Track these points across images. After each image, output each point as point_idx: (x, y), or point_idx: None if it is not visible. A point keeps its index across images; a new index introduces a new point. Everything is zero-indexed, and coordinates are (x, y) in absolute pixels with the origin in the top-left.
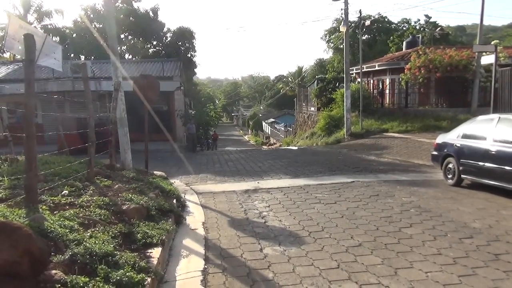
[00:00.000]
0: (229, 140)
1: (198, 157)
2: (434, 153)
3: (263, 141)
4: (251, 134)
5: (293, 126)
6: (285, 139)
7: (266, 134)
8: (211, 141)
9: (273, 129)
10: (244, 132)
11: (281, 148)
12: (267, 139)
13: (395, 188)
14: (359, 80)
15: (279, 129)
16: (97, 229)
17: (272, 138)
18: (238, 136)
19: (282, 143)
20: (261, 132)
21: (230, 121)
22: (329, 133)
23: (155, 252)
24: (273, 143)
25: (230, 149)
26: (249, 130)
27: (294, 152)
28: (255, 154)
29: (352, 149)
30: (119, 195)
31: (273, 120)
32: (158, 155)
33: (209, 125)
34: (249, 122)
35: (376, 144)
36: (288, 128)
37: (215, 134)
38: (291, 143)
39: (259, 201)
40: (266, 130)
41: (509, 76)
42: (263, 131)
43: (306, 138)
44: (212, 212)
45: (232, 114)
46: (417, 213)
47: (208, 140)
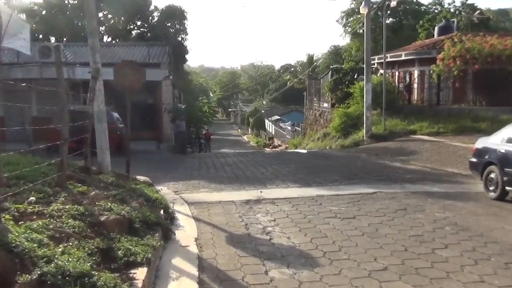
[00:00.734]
0: (225, 141)
1: (189, 160)
2: (473, 160)
3: (266, 143)
4: (251, 134)
5: (302, 125)
6: (292, 141)
7: (269, 134)
8: (204, 141)
9: (278, 129)
10: (243, 132)
11: (288, 151)
12: (271, 140)
13: (426, 201)
14: (382, 72)
15: (285, 129)
16: (71, 244)
17: (277, 139)
18: (236, 136)
19: (289, 145)
20: (263, 132)
21: (227, 118)
22: (345, 134)
23: (140, 273)
24: (278, 145)
25: (227, 151)
26: (249, 129)
27: (304, 156)
28: (257, 158)
29: (373, 154)
30: (96, 204)
31: (278, 118)
32: (142, 157)
33: (202, 122)
34: (249, 120)
35: (402, 148)
36: (296, 128)
37: (208, 133)
38: (300, 146)
39: (263, 214)
40: (270, 130)
41: None
42: (266, 131)
43: (318, 140)
44: (207, 226)
45: (229, 110)
46: (453, 232)
47: (200, 140)
